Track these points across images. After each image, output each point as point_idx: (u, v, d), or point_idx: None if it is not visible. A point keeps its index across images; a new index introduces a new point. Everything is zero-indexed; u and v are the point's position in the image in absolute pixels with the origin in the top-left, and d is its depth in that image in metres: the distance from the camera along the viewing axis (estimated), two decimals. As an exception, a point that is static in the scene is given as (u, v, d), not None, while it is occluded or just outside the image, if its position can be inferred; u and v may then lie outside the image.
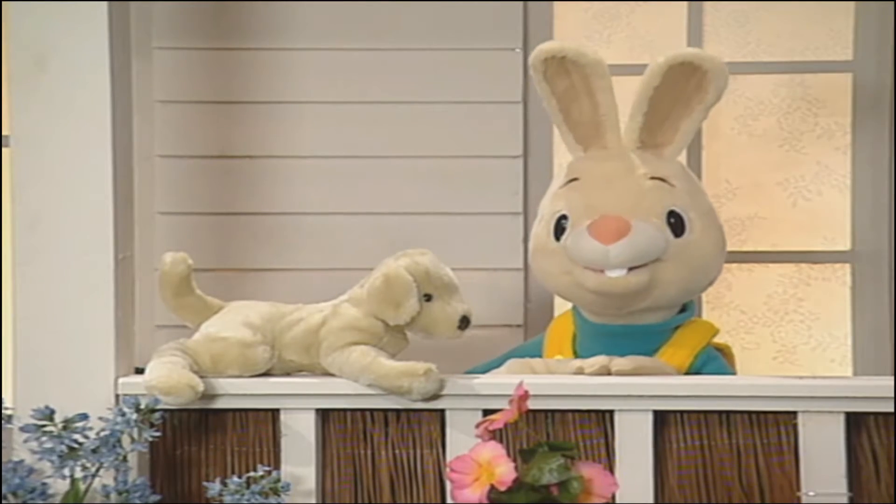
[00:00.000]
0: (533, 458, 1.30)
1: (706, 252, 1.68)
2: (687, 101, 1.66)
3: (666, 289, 1.65)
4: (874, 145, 2.15)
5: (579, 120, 1.70)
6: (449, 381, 1.53)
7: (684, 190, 1.69)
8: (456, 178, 2.16)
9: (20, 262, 1.55)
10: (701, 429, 1.52)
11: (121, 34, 1.58)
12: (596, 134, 1.70)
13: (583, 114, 1.69)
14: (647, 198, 1.65)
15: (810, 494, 1.48)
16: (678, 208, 1.65)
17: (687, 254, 1.65)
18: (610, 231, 1.59)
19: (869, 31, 2.13)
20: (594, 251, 1.60)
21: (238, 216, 2.17)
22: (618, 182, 1.66)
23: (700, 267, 1.68)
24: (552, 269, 1.70)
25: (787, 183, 2.27)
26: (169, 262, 1.61)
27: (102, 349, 1.54)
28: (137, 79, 1.75)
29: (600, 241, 1.59)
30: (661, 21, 2.24)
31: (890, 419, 1.49)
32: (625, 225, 1.59)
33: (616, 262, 1.60)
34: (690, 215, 1.66)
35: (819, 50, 2.20)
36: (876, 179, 2.15)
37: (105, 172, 1.54)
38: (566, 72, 1.66)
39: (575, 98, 1.69)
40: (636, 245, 1.60)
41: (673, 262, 1.63)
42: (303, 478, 1.55)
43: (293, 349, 1.59)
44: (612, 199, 1.64)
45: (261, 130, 2.16)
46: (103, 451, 1.40)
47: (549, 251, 1.70)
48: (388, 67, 2.15)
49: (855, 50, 2.16)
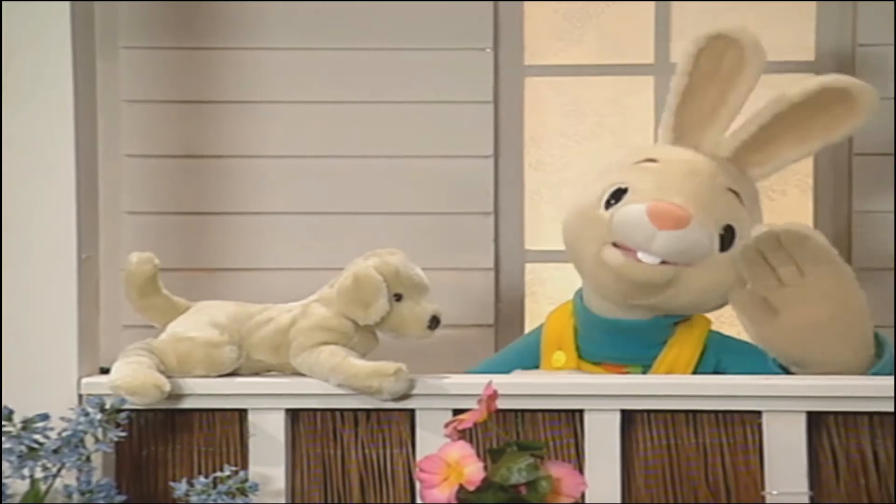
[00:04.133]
0: (502, 458, 1.31)
1: (736, 275, 1.62)
2: (810, 130, 1.61)
3: (681, 294, 1.61)
4: (834, 146, 2.18)
5: (693, 110, 1.65)
6: (419, 380, 1.53)
7: (749, 212, 1.66)
8: (426, 178, 2.16)
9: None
10: (668, 428, 1.53)
11: (84, 33, 1.57)
12: (698, 130, 1.65)
13: (702, 105, 1.64)
14: (717, 204, 1.60)
15: (773, 493, 1.49)
16: (736, 225, 1.62)
17: (720, 270, 1.61)
18: (669, 217, 1.53)
19: (829, 32, 2.16)
20: (643, 228, 1.54)
21: (206, 216, 2.16)
22: (696, 178, 1.60)
23: (723, 285, 1.62)
24: (586, 234, 1.64)
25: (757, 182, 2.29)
26: (135, 262, 1.59)
27: (65, 349, 1.53)
28: (103, 78, 1.73)
29: (655, 222, 1.53)
30: (630, 21, 2.25)
31: (850, 418, 1.50)
32: (685, 217, 1.53)
33: (657, 249, 1.55)
34: (744, 236, 1.61)
35: (782, 50, 2.22)
36: (837, 180, 2.18)
37: (68, 172, 1.53)
38: (721, 56, 1.60)
39: (708, 87, 1.62)
40: (685, 241, 1.55)
41: (703, 271, 1.59)
42: (272, 478, 1.54)
43: (261, 349, 1.58)
44: (684, 190, 1.58)
45: (230, 130, 2.15)
46: (65, 452, 1.38)
47: (592, 217, 1.64)
48: (357, 67, 2.14)
49: (816, 50, 2.18)
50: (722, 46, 1.61)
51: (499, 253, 2.17)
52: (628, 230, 1.57)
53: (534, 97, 2.23)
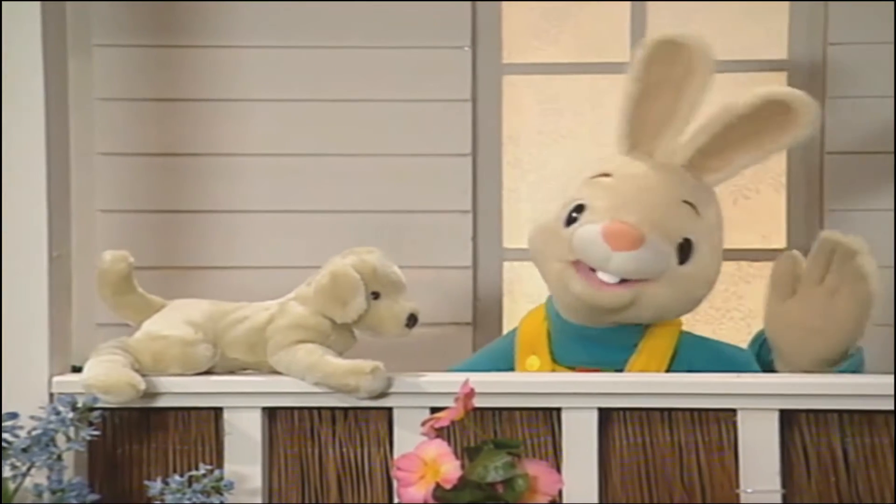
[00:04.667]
0: (478, 456, 1.31)
1: (697, 285, 1.66)
2: (760, 138, 1.62)
3: (644, 309, 1.63)
4: (807, 144, 2.20)
5: (647, 117, 1.66)
6: (396, 379, 1.53)
7: (707, 222, 1.66)
8: (404, 176, 2.15)
9: (-48, 259, 1.51)
10: (643, 426, 1.53)
11: (55, 31, 1.55)
12: (652, 137, 1.66)
13: (656, 112, 1.65)
14: (672, 218, 1.62)
15: (748, 492, 1.50)
16: (693, 237, 1.63)
17: (680, 283, 1.63)
18: (623, 239, 1.56)
19: (801, 30, 2.18)
20: (599, 249, 1.57)
21: (182, 214, 2.15)
22: (650, 195, 1.62)
23: (685, 297, 1.65)
24: (549, 251, 1.66)
25: (729, 181, 2.30)
26: (108, 261, 1.58)
27: (35, 348, 1.52)
28: (77, 76, 1.72)
29: (610, 244, 1.57)
30: (607, 20, 2.26)
31: (820, 416, 1.51)
32: (639, 238, 1.57)
33: (614, 269, 1.58)
34: (701, 248, 1.63)
35: (756, 49, 2.24)
36: (809, 178, 2.20)
37: (38, 170, 1.52)
38: (673, 62, 1.61)
39: (661, 93, 1.63)
40: (640, 261, 1.58)
41: (663, 286, 1.61)
42: (248, 477, 1.53)
43: (237, 347, 1.58)
44: (638, 209, 1.60)
45: (205, 128, 2.14)
46: (35, 451, 1.37)
47: (554, 234, 1.66)
48: (334, 65, 2.14)
49: (789, 49, 2.20)
50: (672, 52, 1.62)
51: (477, 251, 2.18)
52: (586, 251, 1.61)
53: (512, 95, 2.23)
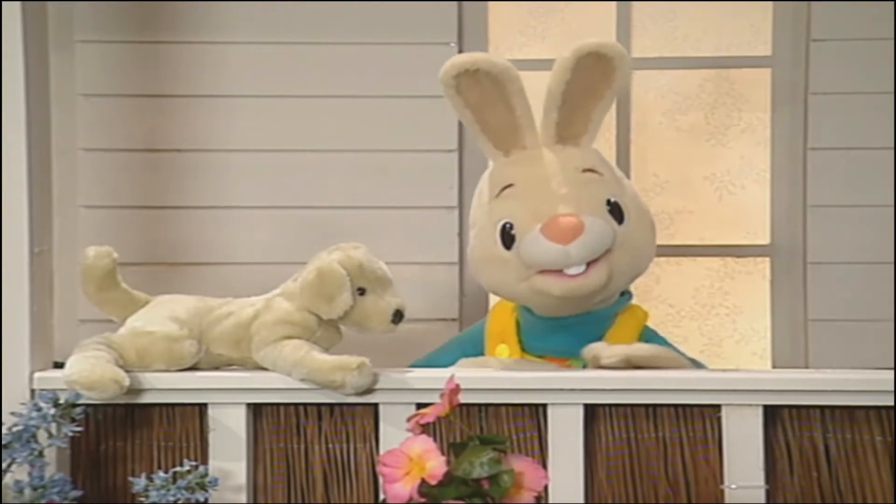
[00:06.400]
0: (464, 452, 1.31)
1: (645, 235, 1.71)
2: (595, 90, 1.67)
3: (620, 277, 1.67)
4: (791, 140, 2.22)
5: (496, 125, 1.70)
6: (382, 375, 1.53)
7: (612, 178, 1.71)
8: (391, 172, 2.15)
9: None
10: (628, 422, 1.54)
11: (37, 27, 1.54)
12: (514, 136, 1.70)
13: (499, 119, 1.69)
14: (587, 191, 1.66)
15: (732, 487, 1.51)
16: (614, 196, 1.68)
17: (630, 239, 1.67)
18: (566, 231, 1.59)
19: (785, 27, 2.20)
20: (554, 253, 1.60)
21: (166, 210, 2.14)
22: (554, 181, 1.66)
23: (642, 250, 1.71)
24: (507, 277, 1.69)
25: (713, 177, 2.32)
26: (92, 257, 1.57)
27: (16, 344, 1.51)
28: (59, 72, 1.71)
29: (558, 242, 1.59)
30: (593, 17, 2.27)
31: (803, 412, 1.52)
32: (579, 223, 1.60)
33: (577, 260, 1.61)
34: (624, 201, 1.68)
35: (741, 45, 2.26)
36: (793, 174, 2.21)
37: (19, 166, 1.51)
38: (478, 82, 1.66)
39: (489, 105, 1.68)
40: (593, 240, 1.61)
41: (621, 250, 1.65)
42: (233, 473, 1.53)
43: (222, 343, 1.57)
44: (555, 199, 1.64)
45: (189, 124, 2.13)
46: (15, 447, 1.36)
47: (501, 260, 1.68)
48: (321, 61, 2.13)
49: (773, 46, 2.22)
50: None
51: (463, 247, 2.18)
52: (544, 258, 1.62)
53: (497, 91, 2.23)
